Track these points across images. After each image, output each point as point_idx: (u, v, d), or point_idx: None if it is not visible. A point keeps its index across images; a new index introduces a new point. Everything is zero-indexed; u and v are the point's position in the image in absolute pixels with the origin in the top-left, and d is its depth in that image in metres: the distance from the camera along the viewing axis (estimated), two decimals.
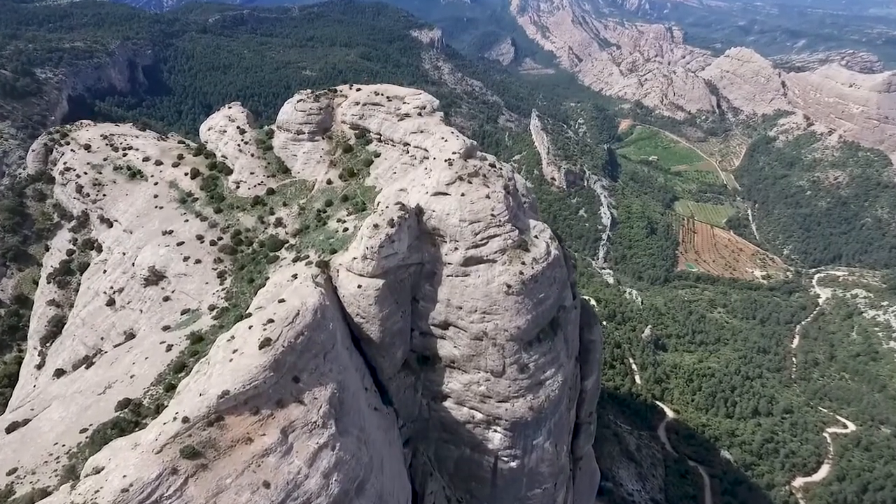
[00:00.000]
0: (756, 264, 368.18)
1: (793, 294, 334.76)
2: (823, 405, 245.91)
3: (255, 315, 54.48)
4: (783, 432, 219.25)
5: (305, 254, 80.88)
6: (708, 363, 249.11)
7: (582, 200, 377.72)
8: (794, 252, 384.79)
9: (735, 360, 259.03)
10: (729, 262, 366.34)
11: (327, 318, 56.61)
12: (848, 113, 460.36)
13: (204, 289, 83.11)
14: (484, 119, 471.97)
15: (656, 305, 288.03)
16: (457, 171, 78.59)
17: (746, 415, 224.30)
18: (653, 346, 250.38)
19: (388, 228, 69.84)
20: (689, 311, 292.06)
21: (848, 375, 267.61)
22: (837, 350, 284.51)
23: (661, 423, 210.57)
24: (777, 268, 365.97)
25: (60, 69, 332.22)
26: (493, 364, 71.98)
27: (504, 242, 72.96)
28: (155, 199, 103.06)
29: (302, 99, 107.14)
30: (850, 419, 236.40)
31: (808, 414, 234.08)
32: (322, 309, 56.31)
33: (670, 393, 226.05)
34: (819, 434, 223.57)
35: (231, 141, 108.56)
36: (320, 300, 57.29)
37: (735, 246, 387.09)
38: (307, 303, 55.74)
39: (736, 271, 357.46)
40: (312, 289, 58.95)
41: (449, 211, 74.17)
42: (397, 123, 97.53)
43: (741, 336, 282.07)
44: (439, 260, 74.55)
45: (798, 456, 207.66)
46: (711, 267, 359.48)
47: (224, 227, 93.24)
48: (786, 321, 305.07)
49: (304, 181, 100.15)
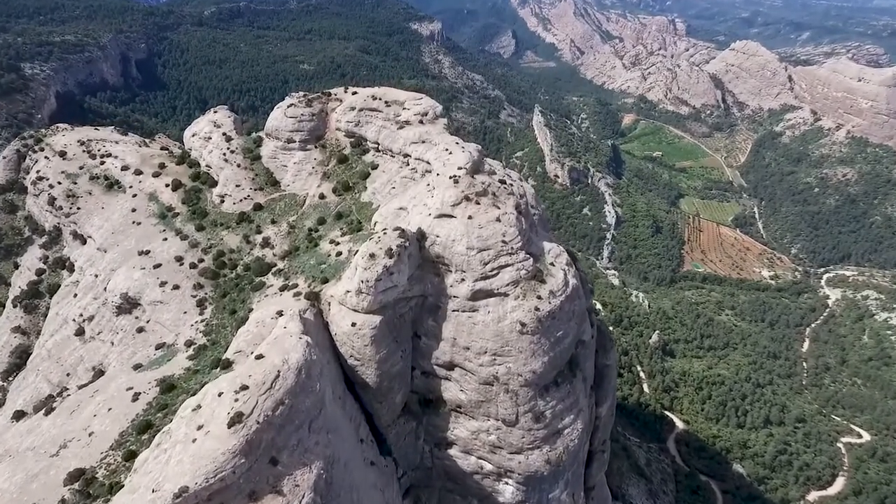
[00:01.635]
0: (763, 264, 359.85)
1: (801, 295, 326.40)
2: (836, 413, 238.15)
3: (228, 377, 46.02)
4: (796, 443, 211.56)
5: (294, 281, 72.55)
6: (717, 370, 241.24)
7: (586, 198, 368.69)
8: (801, 251, 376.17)
9: (745, 365, 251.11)
10: (736, 261, 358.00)
11: (314, 376, 48.24)
12: (856, 108, 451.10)
13: (182, 319, 74.76)
14: (485, 114, 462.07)
15: (663, 309, 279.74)
16: (463, 189, 70.08)
17: (758, 424, 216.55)
18: (660, 353, 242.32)
19: (385, 259, 61.42)
20: (696, 314, 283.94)
21: (860, 381, 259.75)
22: (849, 354, 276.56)
23: (671, 434, 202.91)
24: (785, 267, 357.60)
25: (50, 64, 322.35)
26: (504, 412, 63.71)
27: (517, 273, 64.53)
28: (132, 213, 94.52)
29: (293, 104, 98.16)
30: (864, 428, 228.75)
31: (821, 423, 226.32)
32: (308, 367, 47.91)
33: (679, 402, 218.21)
34: (833, 444, 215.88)
35: (216, 149, 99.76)
36: (306, 355, 48.87)
37: (742, 245, 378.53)
38: (290, 360, 47.32)
39: (743, 271, 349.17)
40: (296, 339, 50.48)
41: (454, 237, 65.69)
42: (396, 132, 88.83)
43: (750, 340, 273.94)
44: (444, 292, 66.18)
45: (812, 468, 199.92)
46: (718, 267, 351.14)
47: (206, 248, 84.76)
48: (795, 324, 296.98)
49: (295, 195, 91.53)
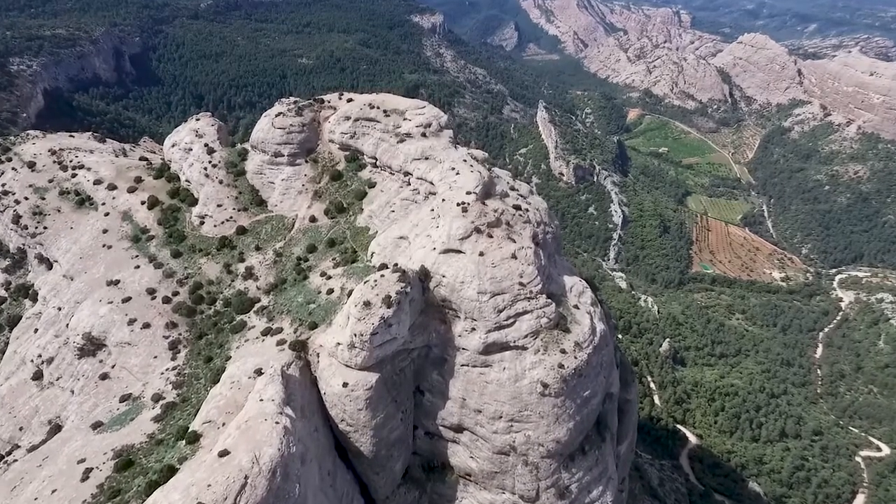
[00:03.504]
0: (774, 265, 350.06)
1: (813, 297, 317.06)
2: (854, 424, 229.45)
3: (181, 485, 36.58)
4: (813, 457, 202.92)
5: (279, 324, 63.14)
6: (730, 379, 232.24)
7: (591, 197, 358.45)
8: (812, 251, 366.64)
9: (758, 374, 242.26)
10: (745, 262, 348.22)
11: (292, 476, 38.89)
12: (868, 103, 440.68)
13: (151, 365, 65.43)
14: (488, 110, 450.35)
15: (673, 314, 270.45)
16: (473, 220, 60.54)
17: (773, 438, 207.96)
18: (671, 362, 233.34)
19: (383, 309, 51.97)
20: (706, 319, 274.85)
21: (877, 389, 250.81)
22: (864, 360, 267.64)
23: (684, 450, 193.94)
24: (796, 269, 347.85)
25: (40, 59, 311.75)
26: (523, 487, 54.39)
27: (537, 322, 55.04)
28: (104, 235, 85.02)
29: (281, 112, 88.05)
30: (882, 440, 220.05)
31: (839, 435, 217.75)
32: (285, 464, 38.55)
33: (692, 415, 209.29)
34: (851, 459, 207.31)
35: (197, 162, 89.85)
36: (283, 448, 39.40)
37: (751, 245, 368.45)
38: (262, 459, 37.92)
39: (753, 272, 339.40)
40: (272, 425, 40.97)
41: (463, 278, 56.17)
42: (396, 146, 78.99)
43: (763, 347, 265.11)
44: (451, 343, 56.73)
45: (831, 485, 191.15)
46: (727, 268, 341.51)
47: (182, 278, 75.23)
48: (808, 328, 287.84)
49: (283, 217, 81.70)
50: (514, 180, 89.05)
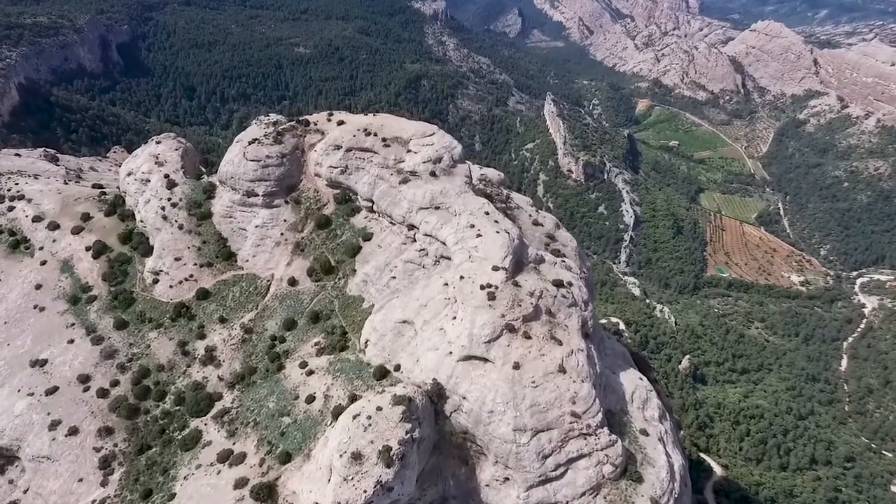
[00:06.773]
0: (792, 267, 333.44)
1: (835, 303, 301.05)
2: (886, 447, 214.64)
3: None
4: (847, 488, 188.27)
5: (241, 446, 46.91)
6: (754, 399, 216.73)
7: (602, 195, 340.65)
8: (832, 252, 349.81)
9: (783, 392, 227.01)
10: (762, 264, 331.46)
11: None
12: (888, 94, 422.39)
13: (73, 493, 49.34)
14: (493, 101, 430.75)
15: (691, 326, 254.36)
16: (503, 312, 44.05)
17: (803, 465, 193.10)
18: (692, 380, 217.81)
19: (380, 469, 35.67)
20: (725, 330, 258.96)
21: None
22: (892, 373, 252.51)
23: (709, 482, 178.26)
24: (815, 271, 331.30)
25: (20, 49, 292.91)
26: None
27: (597, 472, 38.84)
28: (37, 291, 68.54)
29: (256, 139, 70.92)
30: None
31: (872, 462, 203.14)
32: None
33: (716, 441, 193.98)
34: (887, 489, 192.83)
35: (154, 199, 73.06)
36: None
37: (767, 245, 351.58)
38: None
39: (771, 276, 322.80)
40: None
41: (493, 406, 39.87)
42: (398, 189, 62.05)
43: (786, 360, 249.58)
44: (475, 494, 40.56)
45: None
46: (744, 271, 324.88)
47: (125, 361, 58.90)
48: (832, 338, 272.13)
49: (255, 277, 64.95)
50: (538, 212, 72.44)
